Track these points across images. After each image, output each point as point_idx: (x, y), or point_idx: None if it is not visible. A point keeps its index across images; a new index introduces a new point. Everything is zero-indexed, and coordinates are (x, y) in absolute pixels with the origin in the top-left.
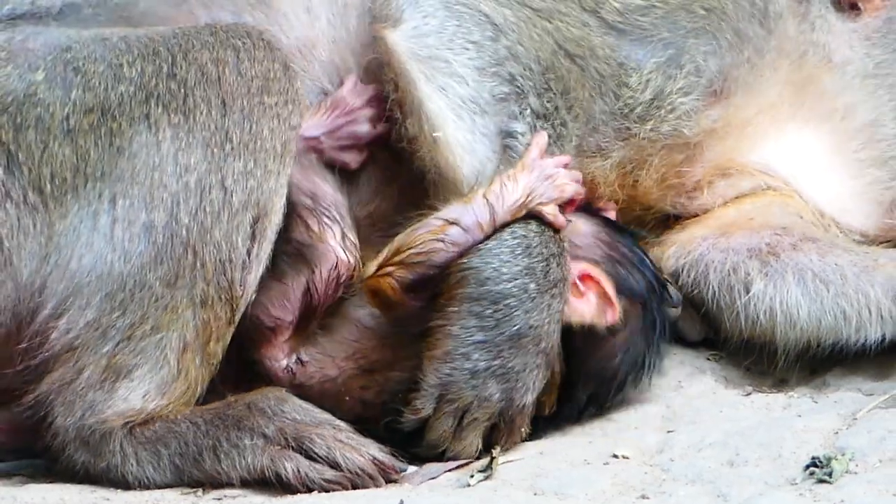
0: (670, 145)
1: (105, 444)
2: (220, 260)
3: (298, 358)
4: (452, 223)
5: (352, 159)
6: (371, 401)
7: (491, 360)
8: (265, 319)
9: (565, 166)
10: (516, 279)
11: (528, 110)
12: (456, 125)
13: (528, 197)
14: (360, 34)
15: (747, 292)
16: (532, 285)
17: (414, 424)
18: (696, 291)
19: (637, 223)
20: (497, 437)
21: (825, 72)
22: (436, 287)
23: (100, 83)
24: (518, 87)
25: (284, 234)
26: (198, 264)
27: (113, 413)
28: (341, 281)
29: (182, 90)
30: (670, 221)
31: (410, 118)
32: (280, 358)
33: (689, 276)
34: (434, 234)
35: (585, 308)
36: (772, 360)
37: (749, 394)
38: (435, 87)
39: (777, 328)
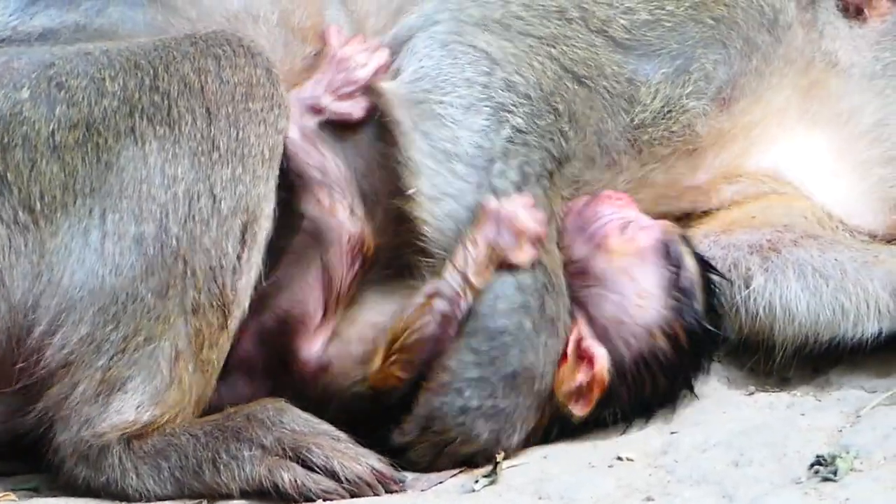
0: (680, 150)
1: (104, 459)
2: (210, 267)
3: (328, 352)
4: (434, 296)
5: (353, 108)
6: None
7: (483, 399)
8: (293, 309)
9: (526, 206)
10: (511, 316)
11: (512, 132)
12: (430, 172)
13: (490, 253)
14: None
15: (747, 287)
16: (528, 323)
17: (399, 444)
18: None
19: None
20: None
21: (831, 76)
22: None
23: (83, 98)
24: (504, 114)
25: (296, 211)
26: (188, 272)
27: (108, 426)
28: (355, 255)
29: (166, 102)
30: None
31: (401, 170)
32: (313, 350)
33: None
34: (420, 312)
35: (565, 385)
36: (769, 356)
37: (752, 393)
38: (419, 133)
39: (776, 323)
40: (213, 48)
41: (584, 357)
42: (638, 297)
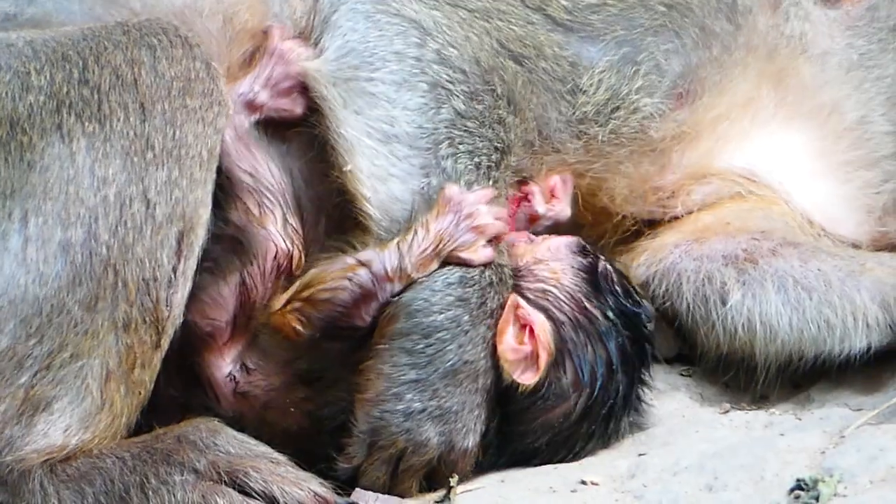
0: (637, 151)
1: (24, 484)
2: (143, 279)
3: (243, 364)
4: (363, 265)
5: (294, 104)
6: (314, 413)
7: (426, 401)
8: (201, 322)
9: (489, 201)
10: (448, 310)
11: (453, 115)
12: (370, 152)
13: (439, 245)
14: None
15: (724, 304)
16: (465, 317)
17: (348, 473)
18: (668, 304)
19: (610, 234)
20: (442, 478)
21: (803, 63)
22: (354, 333)
23: (6, 94)
24: (442, 90)
25: (220, 216)
26: (119, 284)
27: (32, 450)
28: (281, 272)
29: (96, 96)
30: (645, 230)
31: (332, 150)
32: (222, 365)
33: (660, 287)
34: (343, 273)
35: (511, 353)
36: (750, 376)
37: (727, 411)
38: (350, 111)
39: (756, 342)
40: (147, 38)
41: (524, 325)
42: (551, 272)
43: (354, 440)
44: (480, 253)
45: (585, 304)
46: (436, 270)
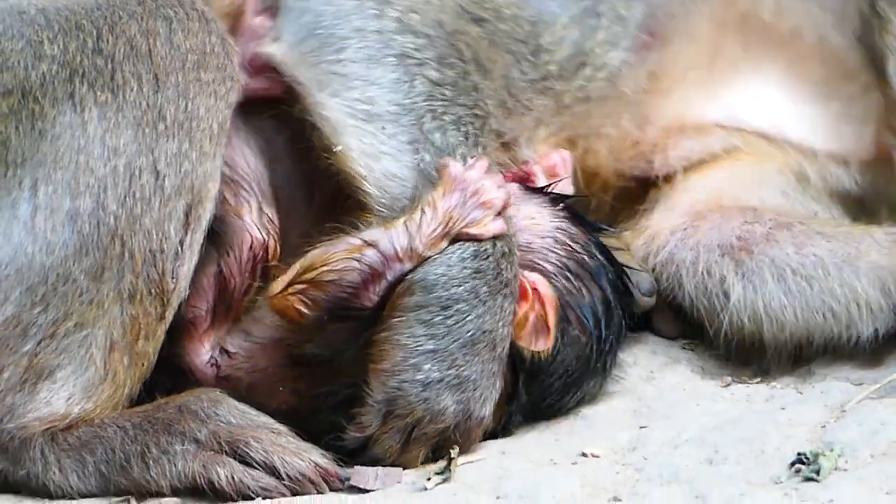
0: (613, 108)
1: (25, 451)
2: (149, 250)
3: (223, 348)
4: (370, 245)
5: (271, 84)
6: (305, 392)
7: (444, 370)
8: (183, 309)
9: (486, 170)
10: (466, 282)
11: (429, 86)
12: (356, 132)
13: (447, 224)
14: None
15: (727, 299)
16: (483, 287)
17: (359, 442)
18: (671, 294)
19: (603, 192)
20: (447, 448)
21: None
22: (360, 314)
23: (19, 62)
24: (410, 63)
25: None
26: (126, 255)
27: (34, 418)
28: (257, 262)
29: (109, 65)
30: (634, 190)
31: (315, 130)
32: (202, 352)
33: (661, 276)
34: (350, 253)
35: (522, 331)
36: (759, 355)
37: (728, 385)
38: (327, 94)
39: (765, 330)
40: (163, 9)
41: (525, 292)
42: (529, 218)
43: (368, 409)
44: (490, 227)
45: (567, 244)
46: (448, 247)
